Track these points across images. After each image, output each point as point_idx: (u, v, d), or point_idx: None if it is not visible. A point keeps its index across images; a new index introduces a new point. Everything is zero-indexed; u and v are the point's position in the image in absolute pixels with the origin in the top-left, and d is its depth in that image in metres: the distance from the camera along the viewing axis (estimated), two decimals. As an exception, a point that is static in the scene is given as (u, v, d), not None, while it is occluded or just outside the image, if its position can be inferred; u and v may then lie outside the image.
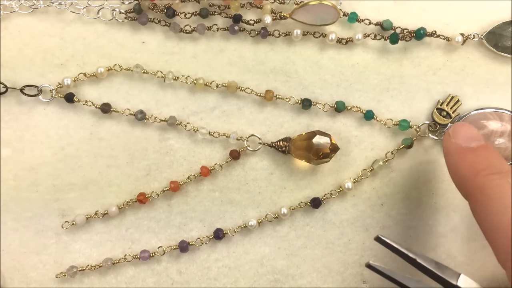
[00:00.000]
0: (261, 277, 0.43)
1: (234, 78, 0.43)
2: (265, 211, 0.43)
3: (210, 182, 0.43)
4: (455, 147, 0.37)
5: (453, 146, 0.37)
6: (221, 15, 0.42)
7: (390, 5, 0.43)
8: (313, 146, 0.40)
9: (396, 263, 0.43)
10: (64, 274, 0.42)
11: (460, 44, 0.42)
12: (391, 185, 0.43)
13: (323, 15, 0.41)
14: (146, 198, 0.42)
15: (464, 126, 0.38)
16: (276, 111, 0.43)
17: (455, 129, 0.38)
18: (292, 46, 0.43)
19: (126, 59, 0.43)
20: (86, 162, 0.43)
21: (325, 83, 0.43)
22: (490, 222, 0.33)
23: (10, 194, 0.42)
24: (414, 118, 0.43)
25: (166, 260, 0.43)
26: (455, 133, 0.37)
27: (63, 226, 0.42)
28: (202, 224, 0.43)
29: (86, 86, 0.43)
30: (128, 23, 0.43)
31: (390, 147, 0.43)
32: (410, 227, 0.43)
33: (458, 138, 0.37)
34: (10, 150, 0.42)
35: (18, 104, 0.42)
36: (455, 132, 0.37)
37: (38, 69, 0.42)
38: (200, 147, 0.43)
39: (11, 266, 0.42)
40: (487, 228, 0.33)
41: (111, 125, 0.43)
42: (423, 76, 0.43)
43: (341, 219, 0.43)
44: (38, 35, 0.42)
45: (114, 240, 0.43)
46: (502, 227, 0.32)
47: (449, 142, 0.37)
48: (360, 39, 0.42)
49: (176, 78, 0.42)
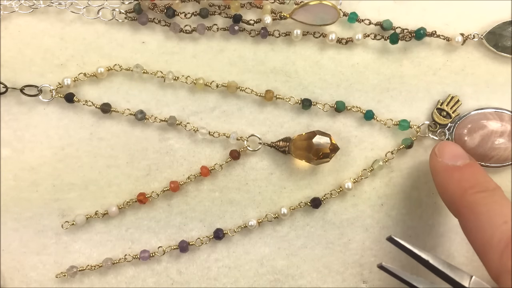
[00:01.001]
0: (261, 277, 0.43)
1: (234, 78, 0.43)
2: (265, 211, 0.43)
3: (210, 182, 0.43)
4: (442, 166, 0.38)
5: (439, 165, 0.38)
6: (221, 15, 0.42)
7: (390, 5, 0.43)
8: (313, 146, 0.40)
9: (396, 263, 0.43)
10: (64, 274, 0.42)
11: (460, 44, 0.42)
12: (391, 185, 0.43)
13: (323, 15, 0.41)
14: (146, 198, 0.42)
15: (449, 145, 0.39)
16: (276, 111, 0.43)
17: (441, 148, 0.39)
18: (292, 46, 0.43)
19: (126, 59, 0.43)
20: (86, 162, 0.43)
21: (325, 83, 0.43)
22: (480, 239, 0.34)
23: (10, 194, 0.42)
24: (414, 118, 0.43)
25: (166, 260, 0.43)
26: (441, 152, 0.38)
27: (63, 226, 0.42)
28: (202, 224, 0.43)
29: (86, 86, 0.43)
30: (128, 23, 0.43)
31: (390, 147, 0.43)
32: (410, 227, 0.43)
33: (444, 157, 0.38)
34: (10, 150, 0.42)
35: (18, 104, 0.42)
36: (441, 151, 0.38)
37: (38, 69, 0.42)
38: (200, 147, 0.43)
39: (11, 266, 0.42)
40: (478, 245, 0.34)
41: (111, 125, 0.43)
42: (423, 76, 0.43)
43: (341, 219, 0.43)
44: (38, 35, 0.42)
45: (114, 240, 0.43)
46: (492, 242, 0.33)
47: (435, 161, 0.38)
48: (360, 39, 0.42)
49: (176, 78, 0.42)
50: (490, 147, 0.42)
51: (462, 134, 0.42)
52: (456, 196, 0.36)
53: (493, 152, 0.42)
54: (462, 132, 0.42)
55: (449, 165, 0.38)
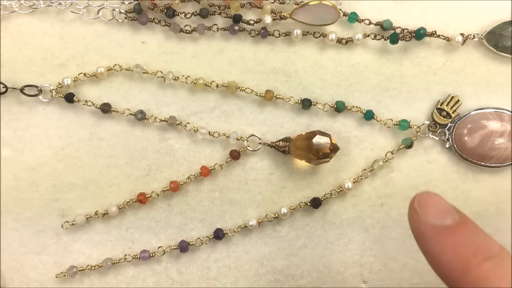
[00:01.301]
0: (261, 277, 0.43)
1: (234, 78, 0.43)
2: (265, 211, 0.43)
3: (210, 182, 0.43)
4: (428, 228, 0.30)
5: (424, 226, 0.30)
6: (221, 15, 0.42)
7: (390, 5, 0.43)
8: (313, 146, 0.40)
9: (396, 263, 0.43)
10: (64, 274, 0.42)
11: (460, 44, 0.42)
12: (391, 185, 0.43)
13: (323, 15, 0.41)
14: (146, 198, 0.42)
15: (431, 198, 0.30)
16: (276, 111, 0.43)
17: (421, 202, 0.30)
18: (292, 46, 0.43)
19: (126, 59, 0.43)
20: (86, 162, 0.43)
21: (325, 83, 0.43)
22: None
23: (10, 194, 0.42)
24: (414, 118, 0.43)
25: (166, 260, 0.43)
26: (423, 208, 0.30)
27: (63, 226, 0.42)
28: (202, 224, 0.43)
29: (86, 86, 0.43)
30: (128, 23, 0.43)
31: (390, 147, 0.43)
32: (410, 227, 0.43)
33: (428, 215, 0.30)
34: (10, 150, 0.42)
35: (18, 104, 0.42)
36: (423, 208, 0.30)
37: (38, 69, 0.42)
38: (200, 147, 0.43)
39: (11, 266, 0.42)
40: None
41: (111, 125, 0.43)
42: (423, 76, 0.43)
43: (341, 219, 0.43)
44: (38, 35, 0.42)
45: (114, 240, 0.43)
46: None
47: (418, 222, 0.30)
48: (360, 39, 0.42)
49: (176, 78, 0.42)
50: (490, 147, 0.42)
51: (462, 134, 0.42)
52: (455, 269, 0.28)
53: (493, 152, 0.42)
54: (462, 132, 0.42)
55: (437, 226, 0.29)
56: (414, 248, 0.43)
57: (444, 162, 0.43)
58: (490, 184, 0.43)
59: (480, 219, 0.43)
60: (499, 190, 0.43)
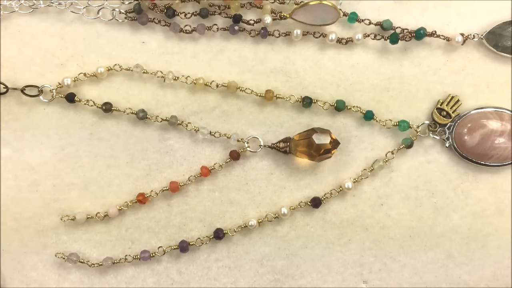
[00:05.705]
0: (261, 277, 0.43)
1: (234, 78, 0.43)
2: (265, 211, 0.43)
3: (210, 182, 0.43)
4: None
5: None
6: (221, 15, 0.42)
7: (390, 5, 0.43)
8: (313, 143, 0.40)
9: (396, 263, 0.43)
10: (64, 257, 0.41)
11: (460, 44, 0.42)
12: (391, 185, 0.43)
13: (323, 15, 0.41)
14: (146, 198, 0.42)
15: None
16: (276, 111, 0.43)
17: None
18: (292, 46, 0.43)
19: (126, 59, 0.43)
20: (86, 162, 0.43)
21: (325, 83, 0.43)
22: None
23: (10, 194, 0.42)
24: (414, 118, 0.43)
25: (166, 260, 0.43)
26: None
27: (62, 219, 0.42)
28: (202, 224, 0.43)
29: (86, 86, 0.43)
30: (128, 23, 0.43)
31: (390, 147, 0.43)
32: (410, 227, 0.43)
33: None
34: (10, 150, 0.42)
35: (18, 104, 0.42)
36: None
37: (38, 69, 0.42)
38: (200, 147, 0.43)
39: (11, 266, 0.42)
40: None
41: (111, 125, 0.43)
42: (423, 76, 0.43)
43: (341, 219, 0.43)
44: (38, 35, 0.42)
45: (114, 240, 0.43)
46: None
47: None
48: (360, 39, 0.42)
49: (176, 78, 0.42)
50: (490, 146, 0.42)
51: (462, 133, 0.42)
52: None
53: (493, 151, 0.42)
54: (462, 131, 0.42)
55: None
56: (414, 248, 0.43)
57: (444, 162, 0.43)
58: (490, 184, 0.43)
59: (480, 219, 0.43)
60: (499, 190, 0.43)
